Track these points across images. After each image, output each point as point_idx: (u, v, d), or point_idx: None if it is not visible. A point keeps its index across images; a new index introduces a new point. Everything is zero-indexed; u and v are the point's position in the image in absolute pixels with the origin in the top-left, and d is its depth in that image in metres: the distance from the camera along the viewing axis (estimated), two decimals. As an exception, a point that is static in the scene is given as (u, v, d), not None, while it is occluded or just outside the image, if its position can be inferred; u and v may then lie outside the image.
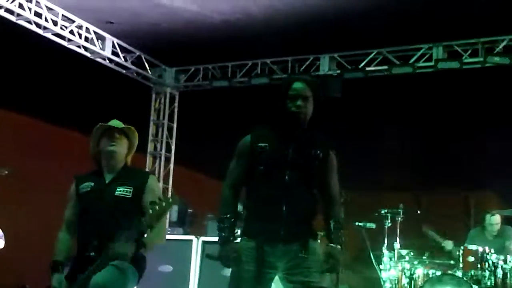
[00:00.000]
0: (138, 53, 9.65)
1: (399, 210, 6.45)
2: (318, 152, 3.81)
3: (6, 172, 4.12)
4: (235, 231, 3.88)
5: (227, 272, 6.49)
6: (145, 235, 3.93)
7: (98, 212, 4.06)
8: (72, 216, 4.21)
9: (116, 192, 4.10)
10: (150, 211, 3.81)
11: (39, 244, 6.23)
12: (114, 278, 3.84)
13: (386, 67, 8.77)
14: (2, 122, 9.58)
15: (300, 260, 3.76)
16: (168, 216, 7.97)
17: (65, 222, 4.23)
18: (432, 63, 8.52)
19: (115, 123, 4.27)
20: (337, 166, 3.92)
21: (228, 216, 3.84)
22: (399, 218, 6.46)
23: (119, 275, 3.90)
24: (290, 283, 3.81)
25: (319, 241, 3.99)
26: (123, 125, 4.27)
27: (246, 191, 3.99)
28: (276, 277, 3.88)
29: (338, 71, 9.04)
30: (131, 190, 4.11)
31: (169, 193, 3.99)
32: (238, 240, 3.91)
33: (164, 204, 3.83)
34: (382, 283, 6.40)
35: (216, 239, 6.70)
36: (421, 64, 8.60)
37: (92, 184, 4.19)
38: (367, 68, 8.90)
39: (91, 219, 4.08)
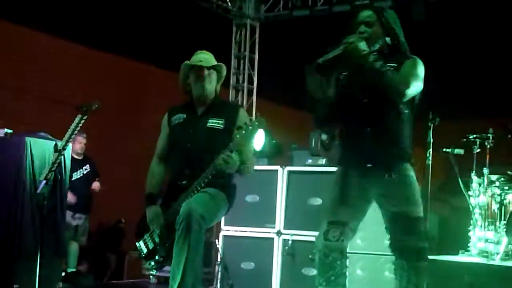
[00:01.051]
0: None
1: (489, 135, 6.28)
2: (393, 64, 3.74)
3: (96, 106, 4.22)
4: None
5: (314, 201, 6.58)
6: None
7: (191, 142, 4.16)
8: (164, 147, 4.33)
9: (208, 124, 4.19)
10: (237, 136, 3.88)
11: (134, 179, 6.47)
12: (205, 203, 3.94)
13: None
14: (92, 60, 9.83)
15: (393, 187, 3.76)
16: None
17: (157, 153, 4.37)
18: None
19: (202, 56, 4.28)
20: (420, 68, 3.78)
21: None
22: (489, 144, 6.29)
23: (211, 201, 4.00)
24: (385, 210, 3.83)
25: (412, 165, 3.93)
26: (212, 62, 4.28)
27: (337, 120, 4.00)
28: None
29: (423, -6, 8.72)
30: (223, 121, 4.19)
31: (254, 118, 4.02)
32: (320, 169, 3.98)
33: (251, 127, 3.89)
34: (471, 209, 6.31)
35: (301, 168, 6.80)
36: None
37: (184, 115, 4.29)
38: (454, -11, 8.55)
39: (184, 149, 4.18)
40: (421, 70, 3.79)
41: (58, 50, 9.43)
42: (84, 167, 8.11)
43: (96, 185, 8.22)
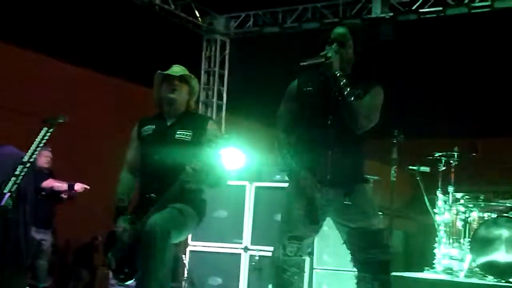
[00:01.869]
0: (188, 0, 9.62)
1: (454, 153, 6.36)
2: (357, 91, 3.74)
3: (62, 120, 4.19)
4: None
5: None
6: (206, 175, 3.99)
7: (159, 154, 4.12)
8: (134, 158, 4.29)
9: (176, 135, 4.15)
10: (208, 149, 3.87)
11: (105, 194, 6.36)
12: (171, 218, 3.90)
13: (440, 8, 8.55)
14: (56, 73, 9.75)
15: (351, 205, 3.77)
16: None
17: (127, 163, 4.32)
18: (488, 3, 8.25)
19: (175, 69, 4.28)
20: (381, 101, 3.83)
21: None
22: (454, 162, 6.37)
23: (178, 216, 3.96)
24: (344, 226, 3.85)
25: (369, 184, 3.98)
26: (183, 72, 4.27)
27: (294, 136, 4.00)
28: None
29: (391, 14, 8.85)
30: (191, 133, 4.15)
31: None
32: (286, 185, 3.97)
33: (220, 141, 3.88)
34: (436, 226, 6.37)
35: (269, 184, 6.80)
36: (477, 4, 8.35)
37: (154, 127, 4.26)
38: (421, 10, 8.69)
39: (152, 161, 4.14)
40: (381, 101, 3.83)
41: (29, 63, 9.36)
42: None
43: (79, 186, 8.07)
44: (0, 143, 6.26)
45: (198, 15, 10.03)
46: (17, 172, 4.29)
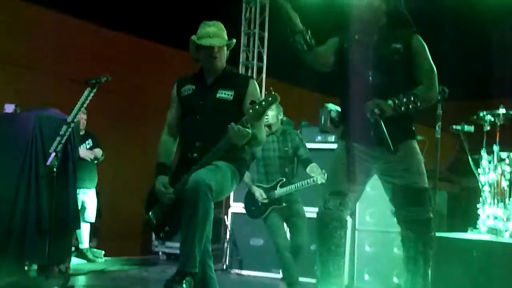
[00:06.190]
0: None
1: (499, 112, 6.23)
2: (398, 46, 3.74)
3: (106, 79, 4.22)
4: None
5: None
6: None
7: (200, 114, 4.12)
8: (174, 119, 4.29)
9: (218, 95, 4.12)
10: (251, 111, 3.84)
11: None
12: (213, 175, 3.89)
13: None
14: (91, 36, 9.79)
15: (397, 161, 3.77)
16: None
17: (167, 125, 4.32)
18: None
19: (210, 30, 4.19)
20: (427, 49, 3.84)
21: None
22: (499, 121, 6.25)
23: (219, 173, 3.95)
24: (389, 183, 3.85)
25: (415, 141, 3.97)
26: (222, 39, 4.19)
27: (340, 95, 4.01)
28: None
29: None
30: (232, 93, 4.12)
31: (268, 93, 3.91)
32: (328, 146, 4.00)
33: (264, 103, 3.84)
34: (480, 187, 6.29)
35: (310, 145, 6.78)
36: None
37: (194, 87, 4.24)
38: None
39: (193, 121, 4.14)
40: (426, 49, 3.84)
41: (72, 29, 9.43)
42: (86, 142, 8.09)
43: (97, 151, 8.13)
44: (45, 107, 6.38)
45: (237, -24, 9.96)
46: (61, 132, 4.35)
